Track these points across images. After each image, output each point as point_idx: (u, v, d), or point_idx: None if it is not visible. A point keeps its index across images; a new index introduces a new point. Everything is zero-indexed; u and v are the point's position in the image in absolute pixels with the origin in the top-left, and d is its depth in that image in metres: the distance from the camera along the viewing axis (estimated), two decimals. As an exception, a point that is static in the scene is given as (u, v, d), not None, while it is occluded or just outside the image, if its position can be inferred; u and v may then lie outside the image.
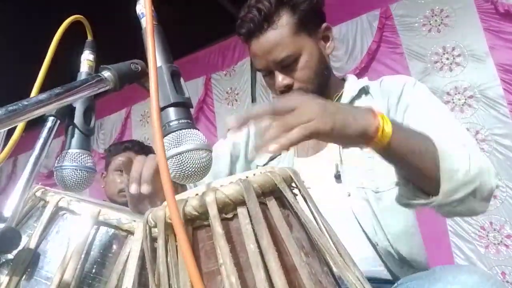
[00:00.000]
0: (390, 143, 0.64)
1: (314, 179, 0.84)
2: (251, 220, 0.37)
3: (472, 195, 0.70)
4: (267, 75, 0.99)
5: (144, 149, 1.86)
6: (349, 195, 0.91)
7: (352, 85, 1.04)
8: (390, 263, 0.86)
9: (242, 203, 0.38)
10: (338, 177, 0.93)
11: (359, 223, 0.89)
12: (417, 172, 0.71)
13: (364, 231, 0.88)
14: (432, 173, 0.69)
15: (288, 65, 0.94)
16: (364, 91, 1.02)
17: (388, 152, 0.66)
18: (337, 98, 1.02)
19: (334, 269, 0.41)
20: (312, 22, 0.97)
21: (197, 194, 0.39)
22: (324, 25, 0.99)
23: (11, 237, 0.46)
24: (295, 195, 0.43)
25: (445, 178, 0.69)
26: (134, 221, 0.54)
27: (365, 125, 0.62)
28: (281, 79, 0.94)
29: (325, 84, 1.00)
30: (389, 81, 1.01)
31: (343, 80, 1.10)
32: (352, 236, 0.87)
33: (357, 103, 1.01)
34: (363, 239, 0.88)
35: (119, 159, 1.74)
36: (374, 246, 0.87)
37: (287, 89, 0.95)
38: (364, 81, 1.05)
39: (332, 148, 0.96)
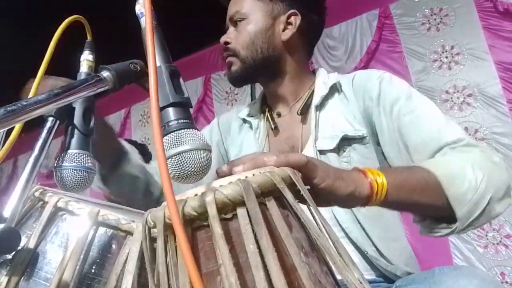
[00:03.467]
0: (388, 196, 0.60)
1: None
2: (250, 221, 0.37)
3: (489, 205, 0.68)
4: None
5: (130, 144, 1.86)
6: None
7: (323, 81, 0.99)
8: (383, 270, 0.83)
9: (242, 203, 0.38)
10: None
11: (344, 231, 0.86)
12: (425, 208, 0.69)
13: (351, 239, 0.85)
14: (440, 203, 0.67)
15: (236, 24, 0.99)
16: (336, 88, 0.97)
17: (389, 203, 0.62)
18: (308, 96, 0.98)
19: (334, 269, 0.41)
20: (282, 2, 0.98)
21: (196, 195, 0.39)
22: (292, 11, 0.98)
23: (11, 238, 0.46)
24: (294, 195, 0.43)
25: (456, 205, 0.67)
26: (133, 221, 0.54)
27: (356, 190, 0.57)
28: (225, 35, 1.01)
29: (268, 65, 0.98)
30: (362, 78, 0.95)
31: (314, 73, 1.05)
32: None
33: (330, 102, 0.96)
34: (350, 248, 0.85)
35: None
36: (363, 254, 0.84)
37: (225, 47, 1.00)
38: (334, 77, 0.99)
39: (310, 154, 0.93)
